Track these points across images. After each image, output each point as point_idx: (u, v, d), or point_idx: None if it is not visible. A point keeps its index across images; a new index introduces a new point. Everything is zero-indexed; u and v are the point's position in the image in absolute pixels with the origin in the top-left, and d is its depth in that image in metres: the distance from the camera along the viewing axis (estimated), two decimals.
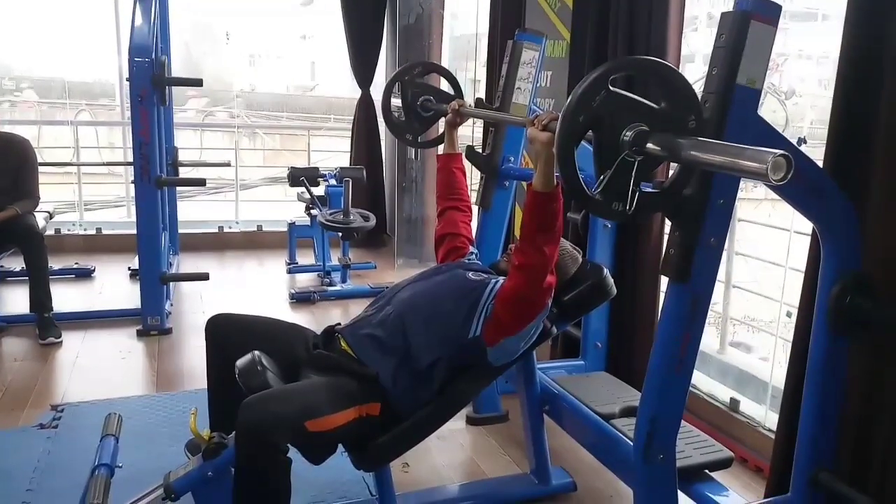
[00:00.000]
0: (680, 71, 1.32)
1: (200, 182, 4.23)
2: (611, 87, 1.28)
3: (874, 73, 1.73)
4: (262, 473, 1.61)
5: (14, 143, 3.74)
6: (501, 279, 1.96)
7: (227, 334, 1.96)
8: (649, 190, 1.36)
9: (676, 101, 1.31)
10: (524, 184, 3.50)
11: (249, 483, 1.62)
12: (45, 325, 3.57)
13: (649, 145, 1.27)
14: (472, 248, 2.28)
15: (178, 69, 4.89)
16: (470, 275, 2.03)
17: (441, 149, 2.40)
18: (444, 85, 2.90)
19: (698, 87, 1.40)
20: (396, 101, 2.75)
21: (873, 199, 1.74)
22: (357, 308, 2.16)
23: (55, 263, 4.40)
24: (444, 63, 5.60)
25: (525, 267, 1.79)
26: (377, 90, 6.01)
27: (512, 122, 2.02)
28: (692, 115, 1.31)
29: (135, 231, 3.74)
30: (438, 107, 2.60)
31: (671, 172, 1.41)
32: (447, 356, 1.88)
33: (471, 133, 4.82)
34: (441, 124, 2.49)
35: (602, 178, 1.29)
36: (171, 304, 4.11)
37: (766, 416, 2.66)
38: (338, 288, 4.66)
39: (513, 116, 1.82)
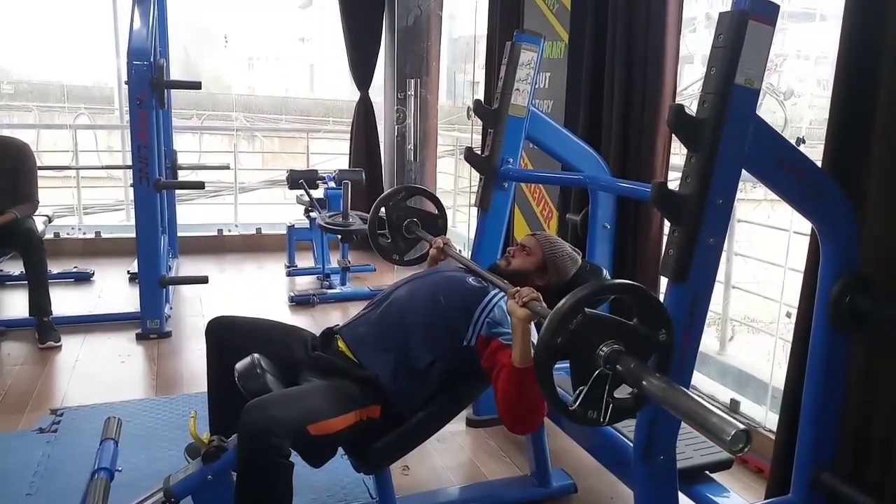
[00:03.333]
0: (652, 294, 1.39)
1: (199, 185, 4.23)
2: (587, 311, 1.33)
3: (872, 73, 1.73)
4: (264, 477, 1.61)
5: (12, 146, 3.74)
6: (500, 293, 1.95)
7: (226, 337, 1.96)
8: (623, 396, 1.38)
9: (648, 319, 1.37)
10: (523, 186, 3.50)
11: (251, 487, 1.62)
12: (44, 328, 3.57)
13: (619, 366, 1.31)
14: None
15: (176, 72, 4.89)
16: (469, 279, 2.03)
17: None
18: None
19: (696, 88, 1.40)
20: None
21: (872, 199, 1.74)
22: (356, 310, 2.16)
23: (54, 267, 4.40)
24: (443, 65, 5.61)
25: (513, 431, 1.90)
26: (376, 92, 6.02)
27: (495, 285, 2.06)
28: (662, 329, 1.36)
29: (134, 234, 3.74)
30: (423, 235, 2.68)
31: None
32: (444, 357, 1.88)
33: (469, 135, 4.82)
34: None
35: (578, 392, 1.34)
36: (171, 308, 4.11)
37: (766, 416, 2.66)
38: (337, 290, 4.66)
39: (496, 279, 1.92)
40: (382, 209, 2.75)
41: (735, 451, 1.13)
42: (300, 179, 4.67)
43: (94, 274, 4.83)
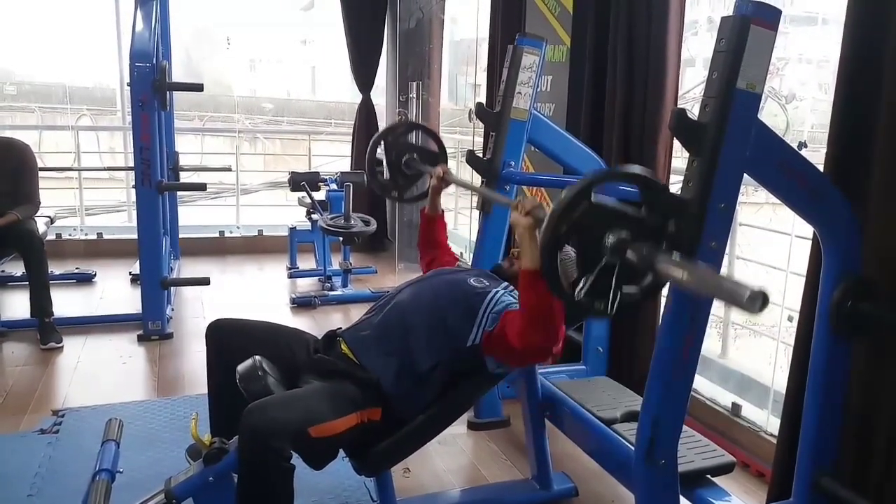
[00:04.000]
0: (660, 180, 1.40)
1: (201, 187, 4.24)
2: (593, 199, 1.32)
3: (874, 77, 1.73)
4: (265, 480, 1.61)
5: (14, 148, 3.75)
6: (502, 290, 1.96)
7: (227, 339, 1.96)
8: (630, 290, 1.38)
9: (656, 209, 1.36)
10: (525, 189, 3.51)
11: (252, 489, 1.62)
12: (46, 330, 3.57)
13: (628, 254, 1.31)
14: (459, 263, 2.31)
15: (178, 74, 4.90)
16: (471, 280, 2.03)
17: (426, 206, 2.41)
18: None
19: (697, 92, 1.40)
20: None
21: (874, 203, 1.74)
22: (358, 313, 2.16)
23: (56, 268, 4.40)
24: (445, 68, 5.61)
25: (533, 348, 1.78)
26: (378, 95, 6.02)
27: (497, 201, 2.04)
28: (671, 220, 1.35)
29: (136, 236, 3.74)
30: (423, 168, 2.62)
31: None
32: (447, 360, 1.88)
33: (471, 138, 4.82)
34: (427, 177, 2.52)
35: (584, 281, 1.33)
36: (172, 309, 4.11)
37: (767, 420, 2.66)
38: (339, 293, 4.66)
39: (498, 196, 1.88)
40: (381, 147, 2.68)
41: (754, 311, 1.10)
42: (302, 181, 4.68)
43: (95, 275, 4.84)
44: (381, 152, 2.76)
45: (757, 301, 1.09)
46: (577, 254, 1.33)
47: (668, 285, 1.56)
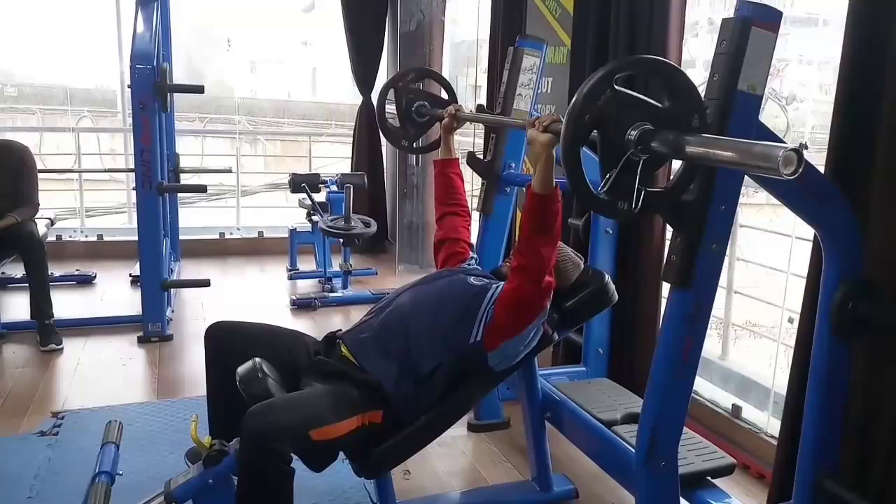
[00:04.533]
0: (682, 70, 1.33)
1: (202, 188, 4.24)
2: (616, 87, 1.28)
3: (875, 78, 1.73)
4: (265, 482, 1.61)
5: (13, 149, 3.75)
6: (502, 284, 1.96)
7: (227, 341, 1.96)
8: (654, 189, 1.36)
9: (680, 100, 1.32)
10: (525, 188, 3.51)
11: (252, 492, 1.62)
12: (46, 331, 3.57)
13: (654, 144, 1.27)
14: (472, 254, 2.28)
15: (179, 76, 4.89)
16: (471, 280, 2.03)
17: (439, 153, 2.40)
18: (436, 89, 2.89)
19: (700, 93, 1.40)
20: (392, 108, 2.74)
21: (875, 204, 1.73)
22: (358, 314, 2.16)
23: (56, 270, 4.40)
24: (445, 69, 5.61)
25: (524, 268, 1.79)
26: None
27: (512, 126, 2.00)
28: (695, 114, 1.31)
29: (136, 238, 3.74)
30: (434, 111, 2.58)
31: (672, 176, 1.41)
32: (448, 361, 1.87)
33: (471, 140, 4.82)
34: (437, 130, 2.49)
35: (608, 176, 1.28)
36: (173, 311, 4.11)
37: (768, 422, 2.65)
38: (339, 294, 4.66)
39: (512, 120, 1.83)
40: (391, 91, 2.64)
41: (788, 174, 1.07)
42: (302, 183, 4.67)
43: (95, 277, 4.84)
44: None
45: (793, 161, 1.06)
46: (599, 147, 1.28)
47: (668, 289, 1.56)
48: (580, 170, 1.28)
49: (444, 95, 2.76)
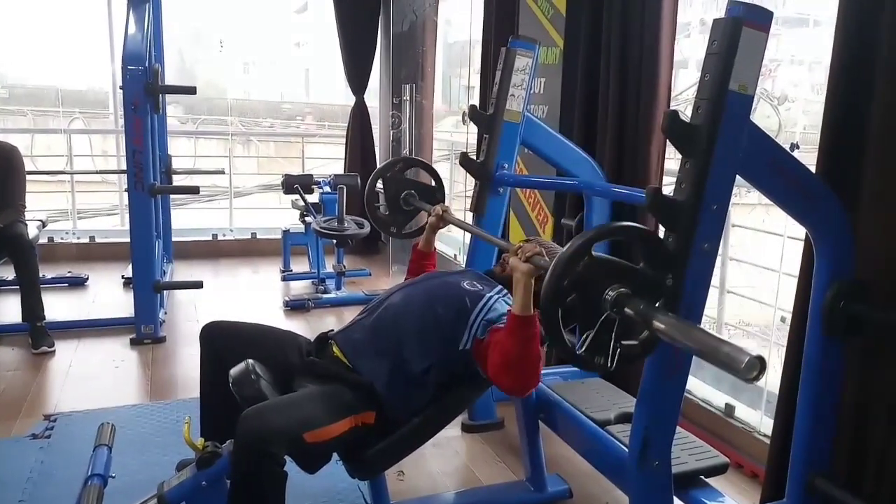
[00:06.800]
0: (656, 234, 1.41)
1: (194, 190, 4.23)
2: (593, 253, 1.34)
3: (866, 78, 1.74)
4: (258, 485, 1.60)
5: (2, 150, 3.71)
6: (496, 295, 1.96)
7: (221, 342, 1.96)
8: (630, 342, 1.39)
9: (654, 262, 1.38)
10: (518, 191, 3.51)
11: (245, 494, 1.61)
12: (37, 334, 3.55)
13: (627, 309, 1.32)
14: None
15: (171, 77, 4.88)
16: (465, 283, 2.02)
17: (420, 242, 2.44)
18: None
19: (690, 93, 1.41)
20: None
21: (866, 204, 1.74)
22: (351, 315, 2.16)
23: (48, 272, 4.39)
24: (438, 70, 5.61)
25: (509, 390, 1.82)
26: (371, 97, 6.02)
27: (496, 245, 2.08)
28: (669, 274, 1.37)
29: (128, 239, 3.74)
30: (421, 205, 2.67)
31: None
32: (439, 363, 1.88)
33: (465, 139, 4.82)
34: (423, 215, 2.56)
35: (585, 336, 1.34)
36: (165, 313, 4.10)
37: (761, 421, 2.66)
38: (332, 295, 4.66)
39: (498, 240, 1.94)
40: (379, 182, 2.72)
41: (749, 379, 1.10)
42: (295, 184, 4.67)
43: (88, 279, 4.82)
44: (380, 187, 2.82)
45: (754, 369, 1.10)
46: (578, 309, 1.34)
47: None
48: (559, 328, 1.34)
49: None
